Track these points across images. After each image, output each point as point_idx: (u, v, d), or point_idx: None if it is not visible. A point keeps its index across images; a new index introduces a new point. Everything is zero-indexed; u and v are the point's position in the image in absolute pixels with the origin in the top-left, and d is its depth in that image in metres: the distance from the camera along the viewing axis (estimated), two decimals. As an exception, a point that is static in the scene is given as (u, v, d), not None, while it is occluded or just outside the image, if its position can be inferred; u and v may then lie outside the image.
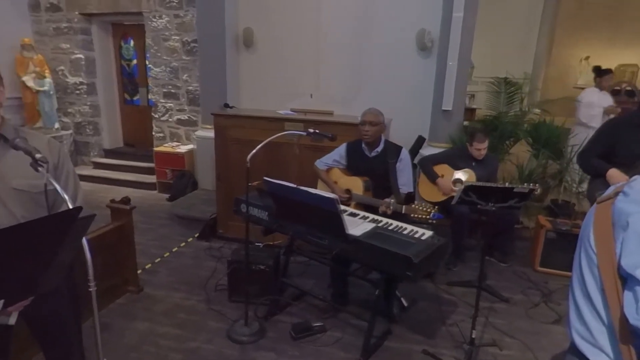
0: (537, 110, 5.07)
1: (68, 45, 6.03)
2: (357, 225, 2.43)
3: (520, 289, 3.28)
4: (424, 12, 4.33)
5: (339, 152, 3.03)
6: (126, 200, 3.05)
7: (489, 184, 2.52)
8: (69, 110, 6.31)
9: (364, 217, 2.59)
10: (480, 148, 3.44)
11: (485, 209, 2.37)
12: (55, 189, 1.26)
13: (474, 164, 3.53)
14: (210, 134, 4.19)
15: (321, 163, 3.08)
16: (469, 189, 2.40)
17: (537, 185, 2.44)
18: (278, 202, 2.49)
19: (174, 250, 3.88)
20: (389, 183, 2.83)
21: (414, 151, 4.39)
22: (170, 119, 5.85)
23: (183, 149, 5.57)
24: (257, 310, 2.79)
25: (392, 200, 2.64)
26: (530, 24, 7.87)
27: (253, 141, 2.67)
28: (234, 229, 3.91)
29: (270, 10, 4.75)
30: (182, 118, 5.79)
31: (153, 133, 6.00)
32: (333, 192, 2.94)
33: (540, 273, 3.52)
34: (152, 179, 5.75)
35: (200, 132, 5.17)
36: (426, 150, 4.29)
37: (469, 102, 6.78)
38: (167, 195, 5.37)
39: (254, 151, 2.43)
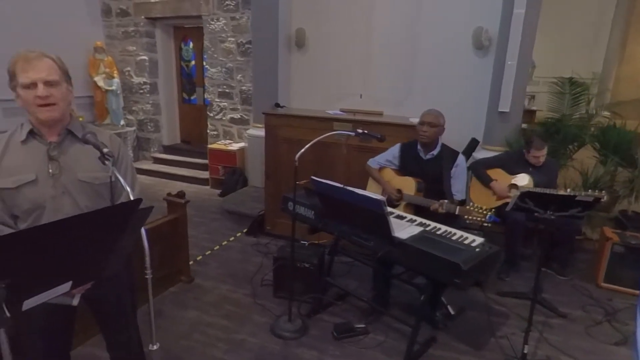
0: (606, 113, 4.67)
1: (134, 48, 6.46)
2: (404, 228, 2.38)
3: (580, 304, 3.05)
4: (481, 10, 4.15)
5: (392, 153, 3.00)
6: (181, 195, 3.21)
7: (548, 191, 2.37)
8: (133, 108, 6.77)
9: (412, 220, 2.54)
10: (537, 155, 3.25)
11: (543, 217, 2.23)
12: (117, 181, 1.35)
13: (531, 169, 3.33)
14: (261, 132, 4.30)
15: (374, 162, 3.08)
16: (525, 195, 2.27)
17: (603, 193, 2.25)
18: (324, 202, 2.50)
19: (223, 244, 4.03)
20: (442, 188, 2.75)
21: (466, 154, 4.22)
22: (224, 118, 6.08)
23: (235, 146, 5.77)
24: (300, 307, 2.82)
25: (446, 201, 2.57)
26: (601, 19, 7.27)
27: (302, 140, 2.71)
28: (280, 226, 3.98)
29: (323, 11, 4.79)
30: (235, 117, 5.99)
31: (208, 131, 6.27)
32: (385, 190, 2.92)
33: (603, 289, 3.24)
34: (205, 174, 6.01)
35: (251, 131, 5.33)
36: (480, 154, 4.11)
37: (529, 103, 6.41)
38: (218, 191, 5.60)
39: (303, 150, 2.46)
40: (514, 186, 3.27)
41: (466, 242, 2.25)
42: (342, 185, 2.28)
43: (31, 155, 1.42)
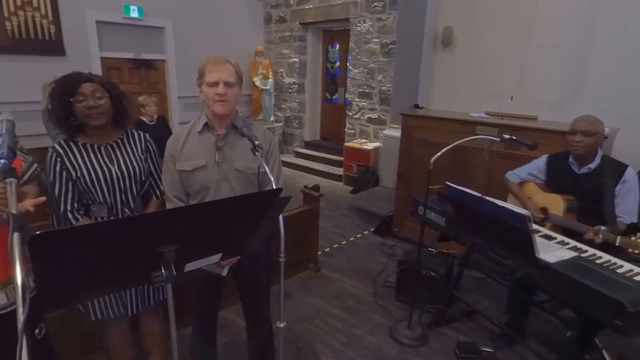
0: None
1: (288, 51, 7.10)
2: (553, 250, 2.07)
3: None
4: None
5: (537, 165, 2.58)
6: (316, 188, 3.41)
7: None
8: (282, 106, 7.45)
9: (563, 243, 2.19)
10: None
11: None
12: (265, 172, 1.51)
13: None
14: (397, 133, 4.26)
15: (513, 175, 2.68)
16: None
17: None
18: (459, 210, 2.35)
19: (350, 239, 4.14)
20: (602, 208, 2.27)
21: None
22: (361, 117, 6.23)
23: (370, 146, 5.86)
24: (421, 316, 2.72)
25: (604, 228, 2.13)
26: None
27: (439, 143, 2.60)
28: (408, 230, 3.90)
29: (475, 7, 4.47)
30: (373, 117, 6.07)
31: (345, 129, 6.51)
32: (525, 209, 2.57)
33: None
34: (339, 171, 6.27)
35: (387, 131, 5.32)
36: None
37: None
38: (350, 188, 5.77)
39: (439, 154, 2.35)
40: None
41: (637, 278, 1.84)
42: (480, 195, 2.10)
43: (204, 144, 1.68)
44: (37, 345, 1.53)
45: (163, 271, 1.04)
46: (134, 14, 5.62)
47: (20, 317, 0.76)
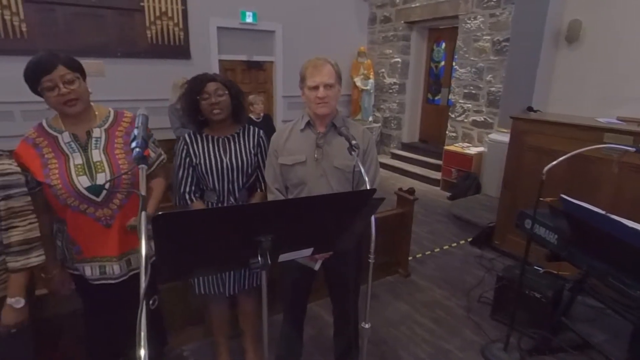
0: None
1: (390, 51, 7.02)
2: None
3: None
4: None
5: None
6: (411, 191, 3.32)
7: None
8: (381, 106, 7.40)
9: None
10: None
11: None
12: (360, 171, 1.52)
13: None
14: (505, 138, 3.94)
15: None
16: None
17: None
18: (575, 227, 2.08)
19: (444, 247, 3.95)
20: None
21: None
22: (465, 120, 5.88)
23: (473, 150, 5.50)
24: (521, 339, 2.47)
25: None
26: None
27: (555, 151, 2.33)
28: (511, 244, 3.57)
29: (612, -4, 3.89)
30: (478, 119, 5.69)
31: (447, 132, 6.21)
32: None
33: None
34: (437, 175, 6.00)
35: (493, 135, 4.95)
36: None
37: None
38: (448, 194, 5.49)
39: (555, 162, 2.10)
40: None
41: None
42: (604, 212, 1.84)
43: (305, 141, 1.77)
44: (150, 314, 1.77)
45: (260, 258, 1.12)
46: (249, 19, 6.09)
47: (143, 285, 0.88)
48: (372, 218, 1.43)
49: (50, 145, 1.53)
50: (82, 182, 1.51)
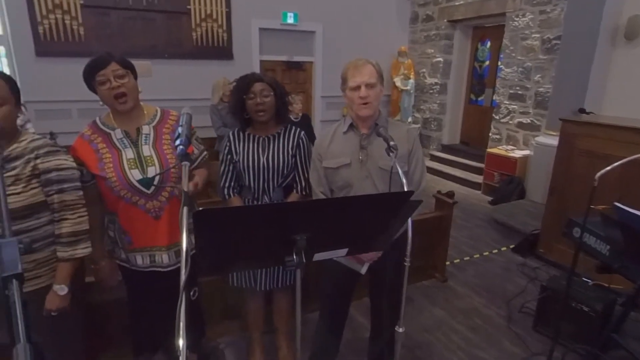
0: None
1: (432, 50, 6.86)
2: None
3: None
4: None
5: None
6: (451, 194, 3.23)
7: None
8: (421, 107, 7.25)
9: None
10: None
11: None
12: (400, 172, 1.49)
13: None
14: (553, 141, 3.74)
15: None
16: None
17: None
18: (631, 238, 1.94)
19: (484, 254, 3.81)
20: None
21: None
22: (510, 122, 5.64)
23: (517, 153, 5.27)
24: (566, 355, 2.34)
25: None
26: None
27: (609, 156, 2.19)
28: (557, 253, 3.39)
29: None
30: (524, 121, 5.44)
31: (490, 134, 5.98)
32: None
33: None
34: (478, 179, 5.80)
35: (541, 138, 4.71)
36: None
37: None
38: (489, 198, 5.29)
39: (609, 168, 1.96)
40: None
41: None
42: (664, 223, 1.70)
43: (349, 143, 1.76)
44: (190, 305, 1.83)
45: (295, 257, 1.13)
46: (290, 20, 6.16)
47: (183, 277, 0.91)
48: (409, 220, 1.40)
49: (105, 141, 1.63)
50: (135, 175, 1.60)
